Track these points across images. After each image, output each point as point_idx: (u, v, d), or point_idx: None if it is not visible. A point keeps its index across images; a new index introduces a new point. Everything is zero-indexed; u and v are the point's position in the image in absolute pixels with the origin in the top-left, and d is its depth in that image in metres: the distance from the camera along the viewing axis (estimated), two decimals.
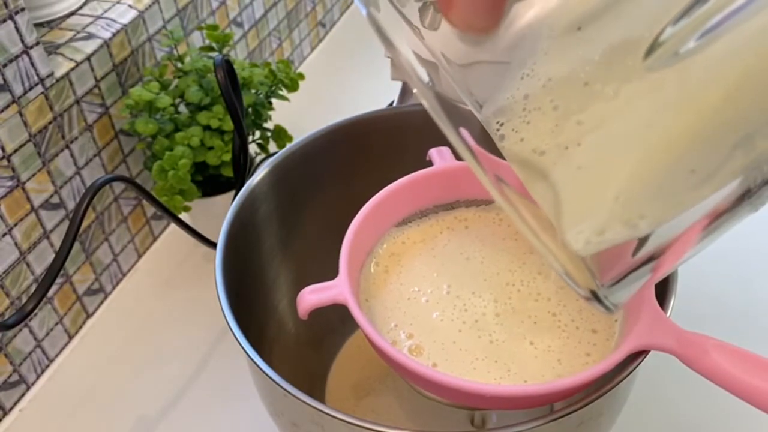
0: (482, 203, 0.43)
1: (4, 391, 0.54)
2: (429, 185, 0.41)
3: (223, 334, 0.60)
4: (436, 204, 0.42)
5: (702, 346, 0.31)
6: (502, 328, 0.36)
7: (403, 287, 0.39)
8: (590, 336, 0.36)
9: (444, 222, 0.42)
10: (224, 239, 0.42)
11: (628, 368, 0.34)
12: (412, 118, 0.51)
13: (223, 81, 0.52)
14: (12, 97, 0.49)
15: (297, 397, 0.34)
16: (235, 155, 0.57)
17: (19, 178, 0.52)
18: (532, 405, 0.34)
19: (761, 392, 0.29)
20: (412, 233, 0.41)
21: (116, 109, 0.60)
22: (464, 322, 0.37)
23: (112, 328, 0.61)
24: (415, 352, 0.36)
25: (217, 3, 0.71)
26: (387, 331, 0.37)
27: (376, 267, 0.40)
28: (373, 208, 0.39)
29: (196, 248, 0.66)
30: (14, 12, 0.48)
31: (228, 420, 0.54)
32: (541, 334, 0.36)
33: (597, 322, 0.36)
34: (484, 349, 0.36)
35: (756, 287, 0.60)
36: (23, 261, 0.53)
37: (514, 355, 0.35)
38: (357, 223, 0.38)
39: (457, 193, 0.42)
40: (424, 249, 0.41)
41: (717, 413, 0.52)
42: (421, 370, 0.32)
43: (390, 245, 0.41)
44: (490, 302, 0.38)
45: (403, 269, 0.40)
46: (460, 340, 0.36)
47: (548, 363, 0.35)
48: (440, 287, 0.38)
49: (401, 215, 0.41)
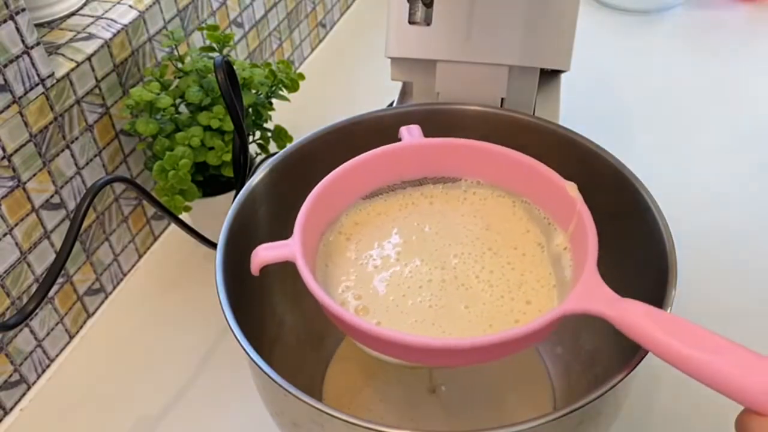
0: (449, 180, 0.44)
1: (5, 391, 0.54)
2: (396, 159, 0.43)
3: (223, 334, 0.60)
4: (403, 179, 0.44)
5: (634, 312, 0.32)
6: (442, 293, 0.39)
7: (358, 253, 0.41)
8: (523, 306, 0.38)
9: (410, 197, 0.44)
10: (224, 239, 0.42)
11: (627, 368, 0.35)
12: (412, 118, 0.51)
13: (223, 82, 0.52)
14: (13, 97, 0.49)
15: (297, 397, 0.34)
16: (236, 155, 0.57)
17: (20, 178, 0.52)
18: (463, 361, 0.36)
19: (689, 358, 0.30)
20: (377, 206, 0.44)
21: (117, 110, 0.60)
22: (408, 287, 0.39)
23: (112, 328, 0.62)
24: (362, 312, 0.39)
25: (218, 3, 0.71)
26: (338, 293, 0.39)
27: (338, 235, 0.42)
28: (338, 177, 0.41)
29: (196, 248, 0.66)
30: (15, 12, 0.48)
31: (228, 420, 0.54)
32: (476, 301, 0.39)
33: (533, 296, 0.39)
34: (423, 312, 0.38)
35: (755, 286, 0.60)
36: (24, 261, 0.53)
37: (450, 318, 0.38)
38: (319, 189, 0.40)
39: (425, 170, 0.44)
40: (386, 220, 0.43)
41: (716, 414, 0.52)
42: (364, 327, 0.35)
43: (354, 215, 0.43)
44: (435, 270, 0.40)
45: (362, 237, 0.42)
46: (403, 303, 0.39)
47: (479, 326, 0.38)
48: (391, 254, 0.41)
49: (368, 188, 0.43)
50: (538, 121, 0.49)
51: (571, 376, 0.51)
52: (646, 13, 0.95)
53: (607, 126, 0.75)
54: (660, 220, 0.42)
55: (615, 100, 0.81)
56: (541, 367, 0.53)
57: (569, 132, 0.48)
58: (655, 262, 0.41)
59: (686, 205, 0.64)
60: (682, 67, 0.86)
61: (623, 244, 0.45)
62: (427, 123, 0.51)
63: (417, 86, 0.56)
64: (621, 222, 0.45)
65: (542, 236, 0.42)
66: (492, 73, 0.52)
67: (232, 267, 0.41)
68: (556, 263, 0.40)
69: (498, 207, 0.43)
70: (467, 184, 0.44)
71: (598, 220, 0.38)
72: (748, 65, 0.86)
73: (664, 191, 0.46)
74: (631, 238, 0.44)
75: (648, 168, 0.48)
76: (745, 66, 0.85)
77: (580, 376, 0.50)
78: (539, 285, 0.39)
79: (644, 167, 0.47)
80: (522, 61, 0.52)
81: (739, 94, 0.81)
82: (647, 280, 0.41)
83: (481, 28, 0.51)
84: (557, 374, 0.52)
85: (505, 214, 0.43)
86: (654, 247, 0.41)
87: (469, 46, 0.51)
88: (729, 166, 0.72)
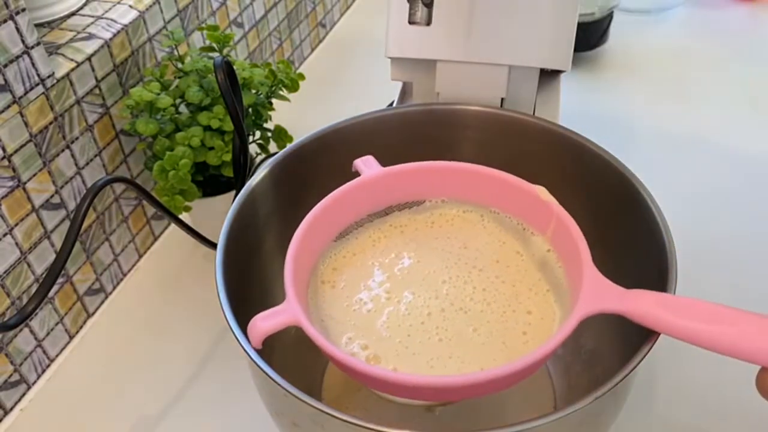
0: (414, 204, 0.44)
1: (4, 391, 0.54)
2: (360, 196, 0.42)
3: (223, 334, 0.60)
4: (370, 213, 0.43)
5: (645, 302, 0.34)
6: (447, 323, 0.38)
7: (348, 299, 0.40)
8: (526, 317, 0.38)
9: (380, 230, 0.43)
10: (224, 239, 0.42)
11: (627, 368, 0.35)
12: (412, 118, 0.51)
13: (223, 82, 0.52)
14: (13, 97, 0.49)
15: (297, 397, 0.34)
16: (236, 155, 0.57)
17: (20, 178, 0.52)
18: (500, 387, 0.35)
19: (703, 333, 0.33)
20: (350, 246, 0.43)
21: (117, 110, 0.60)
22: (410, 326, 0.38)
23: (112, 328, 0.62)
24: (374, 361, 0.37)
25: (218, 3, 0.71)
26: (344, 345, 0.38)
27: (322, 285, 0.41)
28: (308, 228, 0.40)
29: (197, 248, 0.66)
30: (15, 12, 0.48)
31: (228, 420, 0.54)
32: (481, 322, 0.38)
33: (531, 304, 0.39)
34: (435, 347, 0.37)
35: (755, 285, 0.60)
36: (24, 261, 0.53)
37: (463, 346, 0.37)
38: (295, 245, 0.38)
39: (389, 199, 0.44)
40: (363, 258, 0.42)
41: (715, 413, 0.52)
42: (391, 377, 0.33)
43: (331, 261, 0.42)
44: (430, 300, 0.39)
45: (346, 282, 0.41)
46: (411, 343, 0.37)
47: (495, 347, 0.37)
48: (380, 294, 0.40)
49: (337, 230, 0.42)
50: (538, 121, 0.49)
51: (571, 376, 0.51)
52: (646, 13, 0.95)
53: (607, 126, 0.75)
54: (660, 219, 0.42)
55: (615, 100, 0.81)
56: (541, 368, 0.53)
57: (569, 132, 0.48)
58: (655, 261, 0.41)
59: (686, 205, 0.64)
60: (682, 67, 0.86)
61: (623, 243, 0.45)
62: (427, 123, 0.51)
63: (417, 86, 0.56)
64: (621, 221, 0.45)
65: (518, 244, 0.42)
66: (492, 73, 0.52)
67: (232, 267, 0.41)
68: (543, 267, 0.40)
69: (467, 225, 0.43)
70: (432, 204, 0.44)
71: (598, 220, 0.38)
72: (749, 65, 0.86)
73: (664, 191, 0.46)
74: (630, 237, 0.44)
75: (648, 168, 0.48)
76: (745, 66, 0.85)
77: (580, 376, 0.50)
78: (532, 293, 0.39)
79: (644, 167, 0.47)
80: (522, 61, 0.52)
81: (739, 94, 0.81)
82: (647, 280, 0.41)
83: (481, 28, 0.51)
84: (557, 374, 0.52)
85: (475, 230, 0.43)
86: (653, 246, 0.41)
87: (469, 46, 0.51)
88: (729, 166, 0.72)
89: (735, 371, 0.44)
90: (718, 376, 0.53)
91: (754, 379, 0.32)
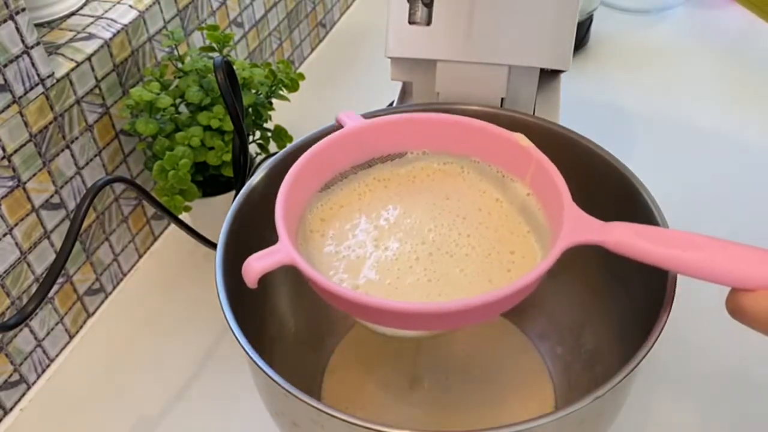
0: (396, 156, 0.45)
1: (4, 391, 0.54)
2: (343, 148, 0.43)
3: (223, 334, 0.60)
4: (353, 165, 0.44)
5: (623, 232, 0.36)
6: (434, 266, 0.40)
7: (337, 247, 0.41)
8: (509, 256, 0.40)
9: (365, 184, 0.45)
10: (224, 239, 0.42)
11: (627, 368, 0.35)
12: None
13: (223, 82, 0.52)
14: (13, 97, 0.49)
15: (297, 397, 0.34)
16: (236, 155, 0.57)
17: (20, 178, 0.52)
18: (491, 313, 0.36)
19: (677, 258, 0.35)
20: (337, 198, 0.44)
21: (117, 110, 0.60)
22: (399, 269, 0.40)
23: (112, 328, 0.62)
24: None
25: (218, 3, 0.71)
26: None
27: (311, 233, 0.42)
28: (297, 175, 0.41)
29: (196, 248, 0.66)
30: (15, 12, 0.48)
31: (228, 420, 0.54)
32: (467, 263, 0.40)
33: (513, 245, 0.41)
34: (425, 287, 0.39)
35: None
36: (24, 261, 0.53)
37: (452, 285, 0.39)
38: (284, 191, 0.40)
39: (371, 151, 0.45)
40: (350, 210, 0.43)
41: (714, 413, 0.52)
42: (383, 303, 0.34)
43: (318, 212, 0.43)
44: (417, 246, 0.41)
45: (334, 231, 0.42)
46: (401, 285, 0.39)
47: (482, 284, 0.39)
48: (368, 241, 0.41)
49: (322, 180, 0.43)
50: (538, 121, 0.49)
51: (571, 376, 0.51)
52: (646, 13, 0.95)
53: (607, 126, 0.75)
54: (660, 219, 0.42)
55: (615, 99, 0.81)
56: (542, 367, 0.53)
57: (569, 132, 0.48)
58: None
59: (686, 205, 0.64)
60: (682, 67, 0.86)
61: None
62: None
63: (417, 86, 0.56)
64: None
65: (497, 191, 0.43)
66: (492, 73, 0.52)
67: (232, 267, 0.41)
68: (523, 211, 0.42)
69: (448, 178, 0.44)
70: (414, 156, 0.45)
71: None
72: (748, 65, 0.86)
73: (664, 191, 0.46)
74: None
75: (648, 168, 0.48)
76: (745, 66, 0.85)
77: (580, 376, 0.50)
78: (514, 236, 0.41)
79: (644, 167, 0.47)
80: (522, 61, 0.52)
81: (739, 94, 0.81)
82: (647, 279, 0.41)
83: (481, 28, 0.51)
84: (557, 374, 0.52)
85: (456, 182, 0.44)
86: None
87: (469, 46, 0.51)
88: (729, 166, 0.72)
89: (735, 371, 0.45)
90: (718, 375, 0.53)
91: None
